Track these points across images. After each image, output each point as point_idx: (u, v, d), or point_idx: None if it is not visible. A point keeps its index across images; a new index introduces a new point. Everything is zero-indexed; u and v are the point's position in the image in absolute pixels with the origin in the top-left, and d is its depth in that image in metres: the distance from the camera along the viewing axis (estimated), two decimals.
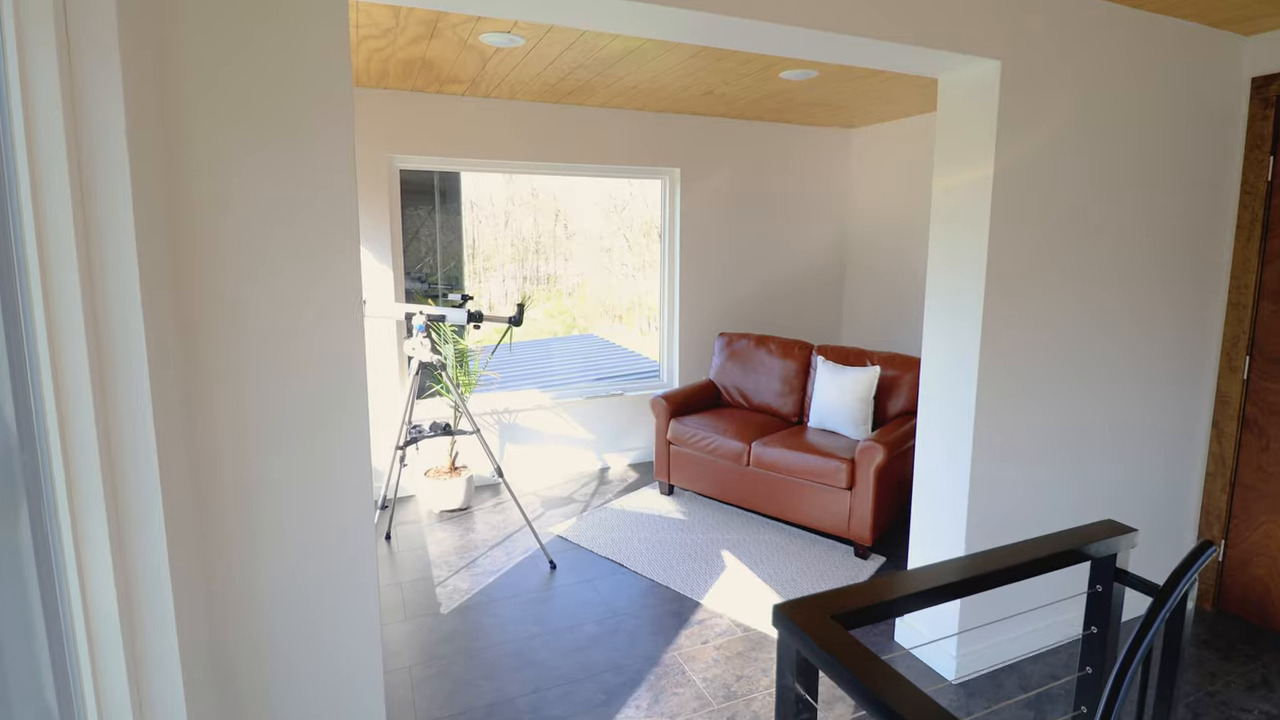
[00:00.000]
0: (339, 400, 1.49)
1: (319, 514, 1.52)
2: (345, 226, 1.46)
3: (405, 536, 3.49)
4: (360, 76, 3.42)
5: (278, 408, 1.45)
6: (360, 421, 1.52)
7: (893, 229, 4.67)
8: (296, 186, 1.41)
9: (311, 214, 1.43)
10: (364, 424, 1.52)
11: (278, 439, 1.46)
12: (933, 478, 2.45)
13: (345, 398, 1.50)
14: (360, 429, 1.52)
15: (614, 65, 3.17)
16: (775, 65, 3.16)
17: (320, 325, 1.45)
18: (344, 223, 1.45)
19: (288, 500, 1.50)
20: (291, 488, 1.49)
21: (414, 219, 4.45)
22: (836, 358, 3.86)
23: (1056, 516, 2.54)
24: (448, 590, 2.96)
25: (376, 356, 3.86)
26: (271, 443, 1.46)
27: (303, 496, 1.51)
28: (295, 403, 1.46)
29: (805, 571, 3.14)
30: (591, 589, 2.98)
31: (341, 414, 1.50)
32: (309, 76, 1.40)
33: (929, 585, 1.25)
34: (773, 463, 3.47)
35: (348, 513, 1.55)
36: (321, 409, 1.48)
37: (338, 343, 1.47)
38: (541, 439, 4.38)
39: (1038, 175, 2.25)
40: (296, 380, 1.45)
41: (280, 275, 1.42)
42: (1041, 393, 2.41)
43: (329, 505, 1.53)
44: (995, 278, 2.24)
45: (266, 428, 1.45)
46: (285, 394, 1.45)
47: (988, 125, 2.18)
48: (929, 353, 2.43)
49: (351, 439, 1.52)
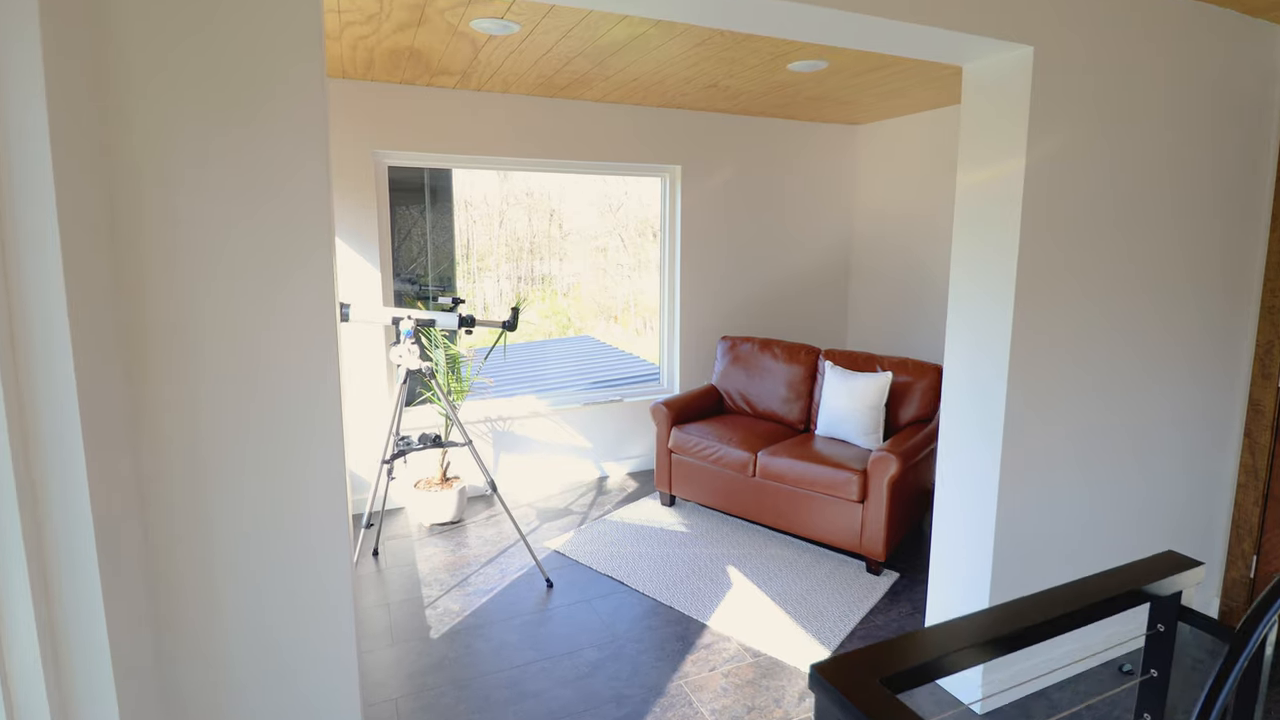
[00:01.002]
0: (309, 420, 1.32)
1: (288, 542, 1.35)
2: (317, 227, 1.29)
3: (394, 552, 3.31)
4: (345, 67, 3.24)
5: (238, 430, 1.28)
6: (333, 441, 1.35)
7: (900, 229, 4.52)
8: (258, 182, 1.24)
9: (277, 212, 1.26)
10: (338, 444, 1.35)
11: (238, 463, 1.29)
12: (956, 491, 2.30)
13: (316, 416, 1.33)
14: (333, 449, 1.35)
15: (614, 55, 3.00)
16: (784, 56, 3.00)
17: (287, 336, 1.28)
18: (315, 223, 1.29)
19: (251, 528, 1.32)
20: (255, 514, 1.32)
21: (404, 218, 4.28)
22: (845, 363, 3.71)
23: (1085, 530, 2.39)
24: (438, 612, 2.79)
25: (363, 363, 3.68)
26: (231, 467, 1.29)
27: (269, 523, 1.34)
28: (258, 424, 1.29)
29: (816, 589, 2.98)
30: (590, 610, 2.82)
31: (312, 434, 1.33)
32: (275, 60, 1.23)
33: (985, 637, 1.09)
34: (780, 473, 3.31)
35: (320, 539, 1.38)
36: (289, 429, 1.31)
37: (307, 355, 1.30)
38: (537, 448, 4.21)
39: (1071, 170, 2.10)
40: (259, 398, 1.28)
41: (240, 281, 1.25)
42: (1072, 401, 2.26)
43: (298, 532, 1.36)
44: (1026, 279, 2.08)
45: (225, 451, 1.28)
46: (247, 414, 1.28)
47: (1018, 117, 2.02)
48: (952, 359, 2.27)
49: (324, 462, 1.35)
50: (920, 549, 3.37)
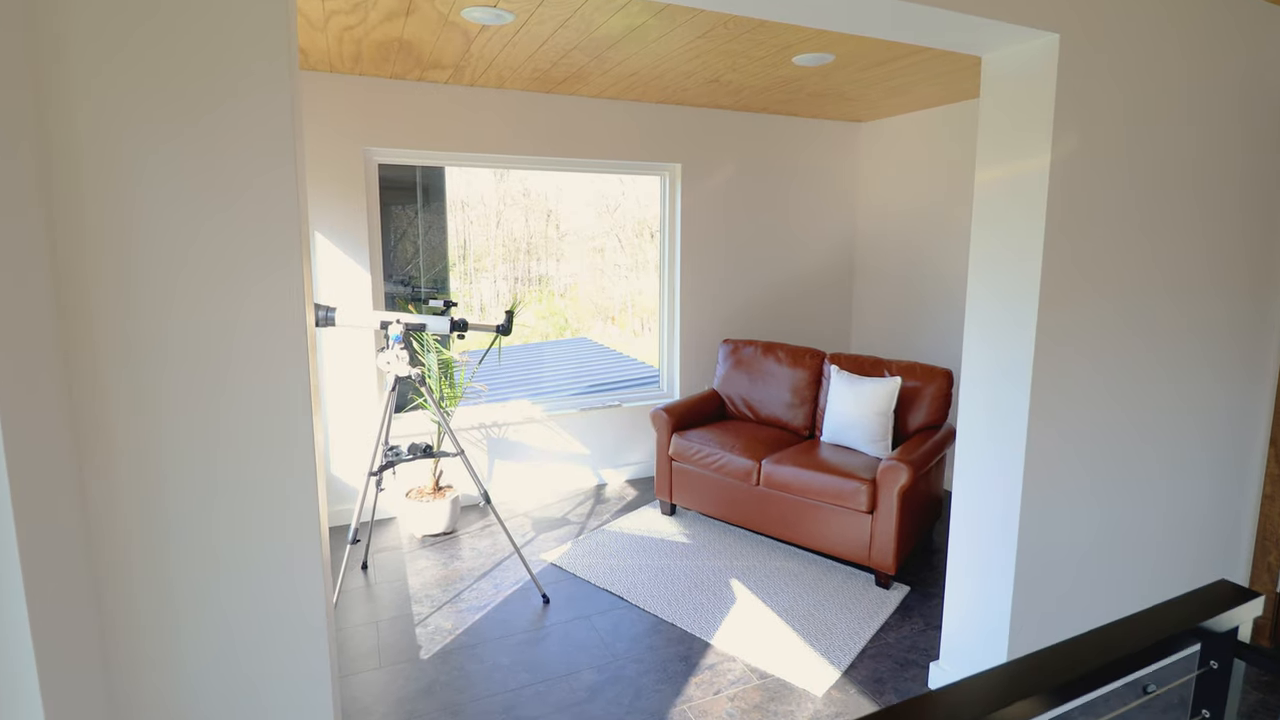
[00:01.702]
0: (277, 440, 1.19)
1: (257, 573, 1.23)
2: (285, 235, 1.16)
3: (383, 566, 3.18)
4: (333, 61, 3.11)
5: (197, 453, 1.15)
6: (305, 466, 1.22)
7: (904, 228, 4.40)
8: (216, 187, 1.12)
9: (238, 219, 1.13)
10: (309, 468, 1.22)
11: (198, 488, 1.17)
12: (975, 503, 2.17)
13: (285, 436, 1.20)
14: (304, 476, 1.22)
15: (612, 47, 2.88)
16: (789, 49, 2.88)
17: (250, 352, 1.16)
18: (283, 231, 1.16)
19: (214, 556, 1.20)
20: (218, 542, 1.20)
21: (397, 218, 4.15)
22: (852, 367, 3.59)
23: (1108, 542, 2.27)
24: (429, 631, 2.66)
25: (352, 368, 3.55)
26: (189, 493, 1.16)
27: (234, 552, 1.21)
28: (219, 445, 1.17)
29: (823, 604, 2.86)
30: (589, 627, 2.69)
31: (281, 458, 1.20)
32: (235, 54, 1.10)
33: (1027, 691, 0.97)
34: (785, 483, 3.19)
35: (293, 571, 1.25)
36: (255, 450, 1.19)
37: (274, 372, 1.18)
38: (533, 455, 4.08)
39: (1096, 167, 1.98)
40: (220, 418, 1.16)
41: (198, 292, 1.12)
42: (1095, 411, 2.14)
43: (269, 562, 1.23)
44: (1051, 283, 1.96)
45: (182, 475, 1.15)
46: (207, 435, 1.16)
47: (1043, 110, 1.90)
48: (971, 366, 2.15)
49: (295, 490, 1.22)
50: (930, 560, 3.26)
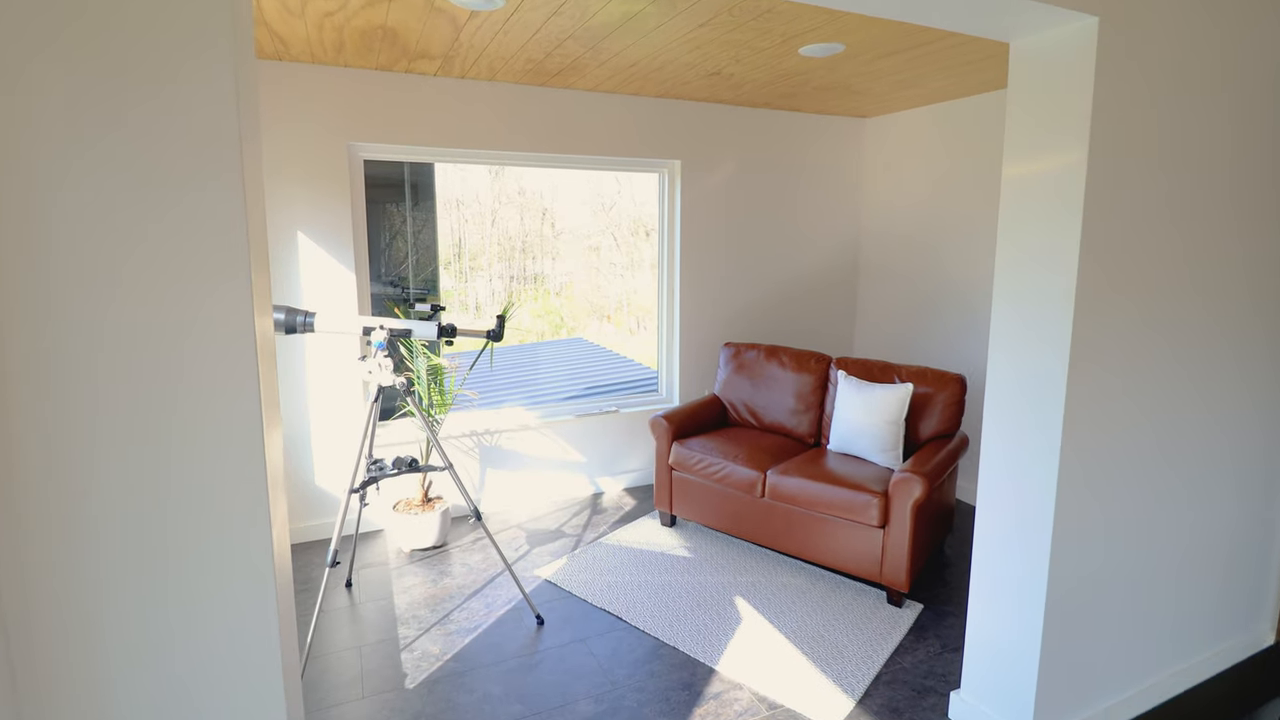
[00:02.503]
0: (227, 488, 1.03)
1: (203, 630, 1.07)
2: (229, 250, 1.00)
3: (369, 584, 3.02)
4: (314, 51, 2.94)
5: (124, 490, 0.99)
6: (257, 509, 1.06)
7: (912, 228, 4.26)
8: (144, 198, 0.95)
9: (172, 227, 0.97)
10: (262, 511, 1.06)
11: (126, 535, 1.00)
12: (1002, 527, 2.03)
13: (234, 468, 1.04)
14: (258, 524, 1.06)
15: (608, 36, 2.71)
16: (796, 38, 2.72)
17: (191, 375, 1.00)
18: (226, 245, 1.00)
19: (148, 610, 1.04)
20: (149, 594, 1.04)
21: (384, 217, 3.98)
22: (859, 372, 3.44)
23: (1144, 566, 2.13)
24: (415, 656, 2.50)
25: (336, 375, 3.39)
26: (117, 541, 1.00)
27: (172, 604, 1.05)
28: (153, 483, 1.00)
29: (833, 623, 2.71)
30: (586, 652, 2.54)
31: (228, 497, 1.04)
32: (166, 47, 0.94)
33: None
34: (792, 495, 3.04)
35: (243, 633, 1.09)
36: (197, 487, 1.03)
37: (221, 400, 1.02)
38: (527, 463, 3.92)
39: (1135, 165, 1.83)
40: (153, 454, 0.99)
41: (125, 310, 0.96)
42: (1132, 425, 2.00)
43: (205, 621, 1.07)
44: (1087, 287, 1.81)
45: (108, 519, 0.99)
46: (136, 471, 1.00)
47: (1079, 100, 1.75)
48: (997, 375, 2.00)
49: (247, 535, 1.06)
50: (943, 575, 3.11)
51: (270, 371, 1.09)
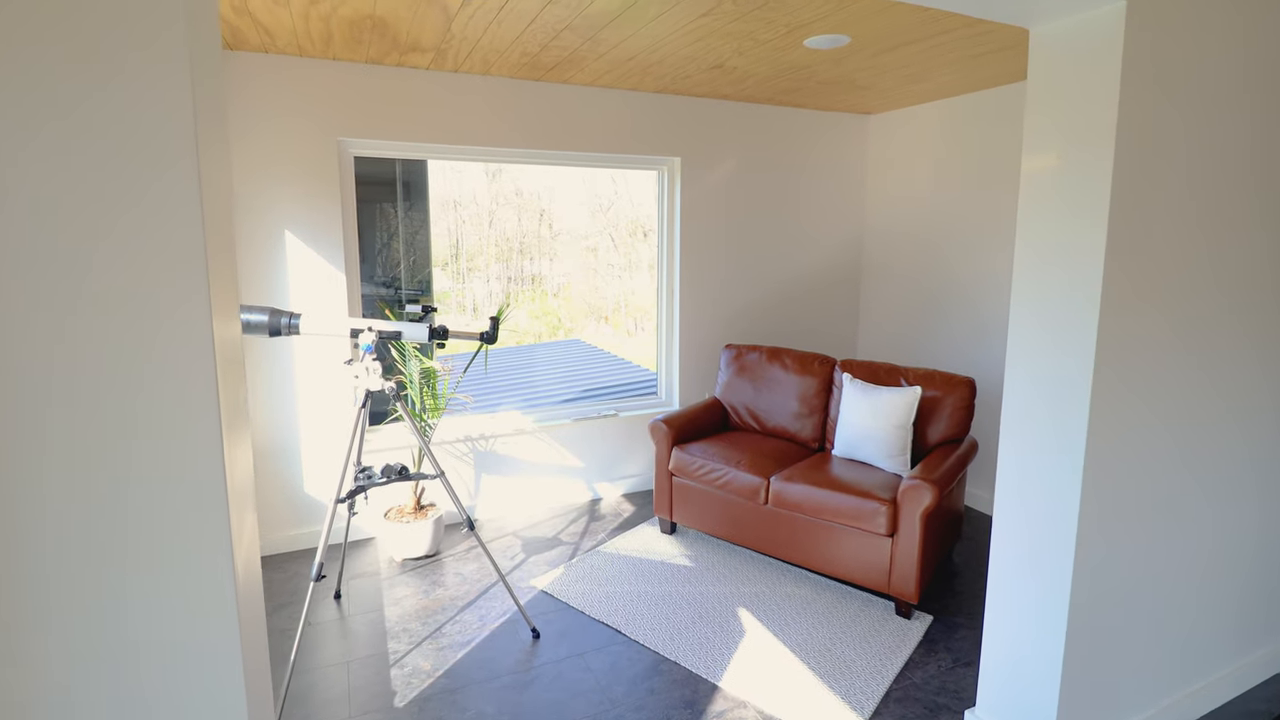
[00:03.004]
0: (181, 510, 0.93)
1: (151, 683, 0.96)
2: (183, 241, 0.89)
3: (359, 595, 2.91)
4: (301, 43, 2.84)
5: (65, 529, 0.89)
6: (217, 530, 0.96)
7: (917, 226, 4.16)
8: (92, 185, 0.85)
9: (122, 226, 0.87)
10: (222, 533, 0.96)
11: (70, 580, 0.90)
12: (1021, 538, 1.93)
13: (195, 500, 0.94)
14: (217, 539, 0.96)
15: (607, 27, 2.62)
16: (800, 29, 2.63)
17: (141, 387, 0.89)
18: (182, 237, 0.89)
19: (88, 661, 0.93)
20: (90, 643, 0.93)
21: (376, 215, 3.88)
22: (865, 375, 3.34)
23: (1172, 577, 2.03)
24: (405, 672, 2.40)
25: (328, 377, 3.28)
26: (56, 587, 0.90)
27: (113, 658, 0.95)
28: (96, 519, 0.90)
29: (840, 636, 2.61)
30: (583, 667, 2.43)
31: (187, 527, 0.94)
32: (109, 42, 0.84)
33: None
34: (796, 502, 2.94)
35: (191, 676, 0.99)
36: (146, 523, 0.92)
37: (174, 414, 0.91)
38: (523, 468, 3.82)
39: (1161, 156, 1.74)
40: (99, 475, 0.89)
41: (65, 329, 0.86)
42: (1159, 430, 1.90)
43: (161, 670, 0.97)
44: (1114, 285, 1.71)
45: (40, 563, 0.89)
46: (88, 502, 0.89)
47: (1105, 88, 1.65)
48: (1016, 378, 1.91)
49: (211, 564, 0.96)
50: (952, 585, 3.01)
51: (234, 381, 0.99)
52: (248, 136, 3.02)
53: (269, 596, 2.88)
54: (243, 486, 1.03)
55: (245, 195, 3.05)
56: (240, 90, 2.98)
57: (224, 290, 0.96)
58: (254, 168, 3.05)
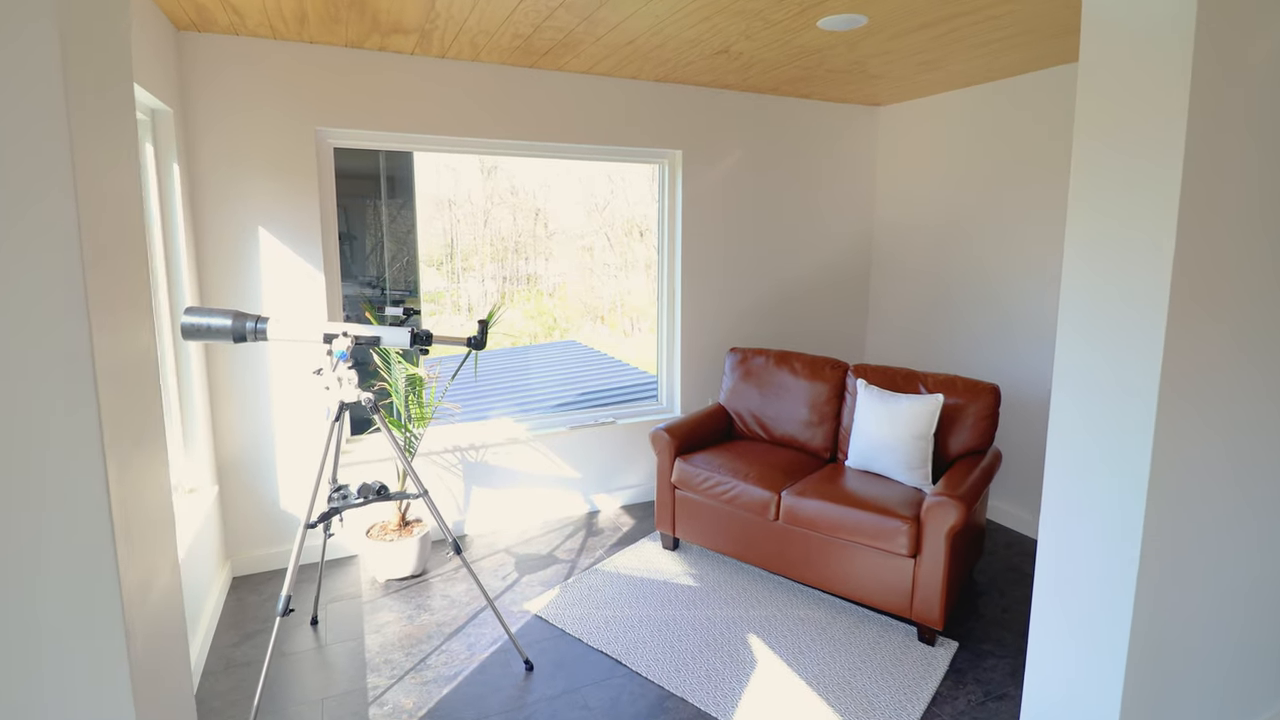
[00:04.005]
0: (55, 548, 0.71)
1: None
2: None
3: (338, 620, 2.69)
4: (274, 24, 2.62)
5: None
6: (101, 571, 0.74)
7: (931, 223, 3.96)
8: None
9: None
10: (108, 575, 0.74)
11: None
12: (1072, 563, 1.73)
13: (68, 538, 0.72)
14: (100, 585, 0.75)
15: (605, 4, 2.40)
16: (814, 7, 2.42)
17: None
18: (47, 228, 0.68)
19: None
20: None
21: (358, 212, 3.66)
22: (881, 381, 3.13)
23: (1235, 608, 1.83)
24: (385, 711, 2.18)
25: (305, 384, 3.06)
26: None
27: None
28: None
29: (860, 666, 2.41)
30: (580, 704, 2.22)
31: (66, 566, 0.73)
32: None
33: None
34: (810, 519, 2.73)
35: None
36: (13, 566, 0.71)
37: (40, 438, 0.70)
38: (516, 479, 3.60)
39: (1227, 141, 1.53)
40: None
41: None
42: (1221, 449, 1.70)
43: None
44: (1183, 283, 1.51)
45: None
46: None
47: (1174, 66, 1.45)
48: (1066, 383, 1.70)
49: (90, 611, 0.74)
50: (976, 607, 2.81)
51: (127, 401, 0.78)
52: (217, 126, 2.79)
53: (239, 623, 2.66)
54: (153, 516, 0.82)
55: (215, 189, 2.82)
56: (208, 76, 2.75)
57: (101, 288, 0.75)
58: (224, 160, 2.82)
